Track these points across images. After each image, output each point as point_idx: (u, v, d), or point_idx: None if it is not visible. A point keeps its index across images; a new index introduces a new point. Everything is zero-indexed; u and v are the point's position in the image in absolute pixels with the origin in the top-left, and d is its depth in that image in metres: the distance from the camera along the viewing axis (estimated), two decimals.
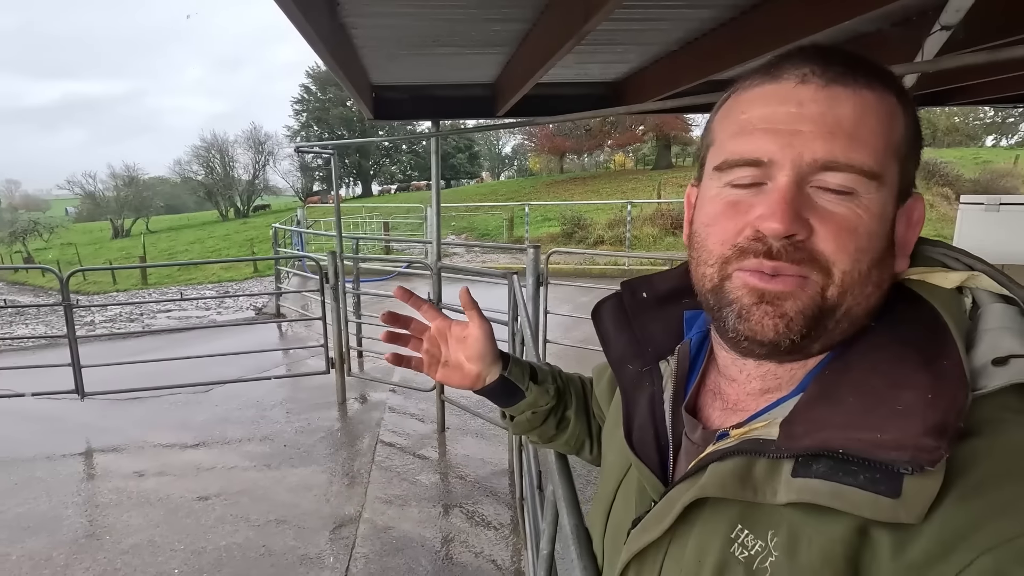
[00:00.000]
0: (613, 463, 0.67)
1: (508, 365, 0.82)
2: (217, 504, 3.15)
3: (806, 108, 0.46)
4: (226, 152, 40.80)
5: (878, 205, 0.46)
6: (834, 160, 0.45)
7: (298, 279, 9.55)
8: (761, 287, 0.48)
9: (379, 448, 3.80)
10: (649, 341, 0.65)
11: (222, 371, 5.00)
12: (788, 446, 0.45)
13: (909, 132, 0.48)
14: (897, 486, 0.39)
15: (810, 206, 0.46)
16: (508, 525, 2.96)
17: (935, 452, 0.38)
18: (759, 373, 0.54)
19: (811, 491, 0.42)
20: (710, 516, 0.50)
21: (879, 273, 0.48)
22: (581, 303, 7.63)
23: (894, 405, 0.42)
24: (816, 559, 0.42)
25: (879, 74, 0.47)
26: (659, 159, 28.31)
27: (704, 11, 2.32)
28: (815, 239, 0.46)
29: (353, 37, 2.45)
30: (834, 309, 0.47)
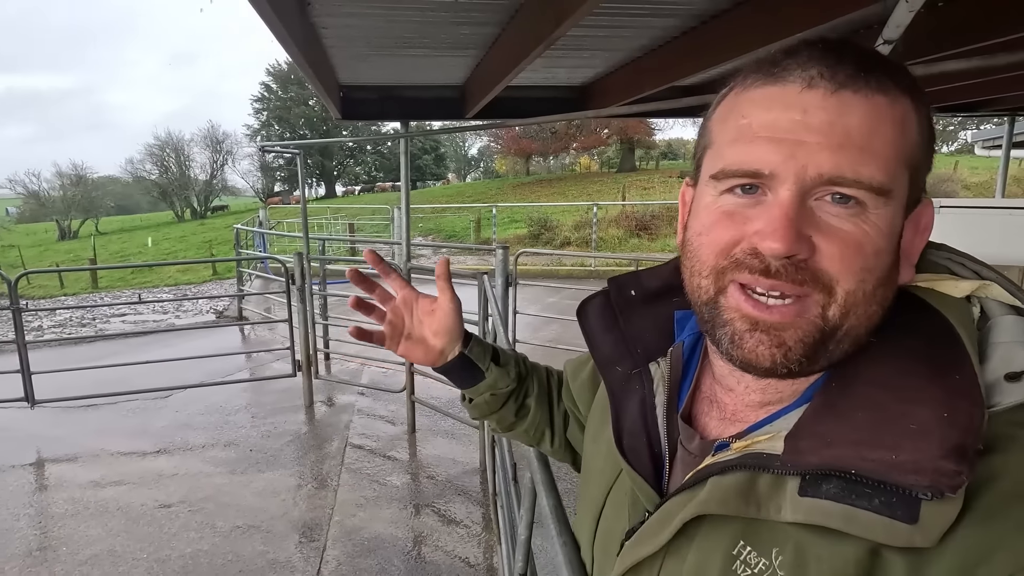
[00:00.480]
0: (601, 468, 0.64)
1: (470, 343, 0.80)
2: (181, 511, 3.07)
3: (812, 116, 0.42)
4: (182, 151, 39.35)
5: (887, 220, 0.43)
6: (841, 176, 0.41)
7: (261, 281, 9.33)
8: (755, 316, 0.45)
9: (348, 451, 3.77)
10: (638, 341, 0.61)
11: (182, 376, 4.85)
12: (794, 462, 0.42)
13: (923, 136, 0.44)
14: (915, 511, 0.37)
15: (813, 222, 0.43)
16: (480, 523, 2.99)
17: (956, 477, 0.36)
18: (759, 386, 0.51)
19: (822, 513, 0.40)
20: (710, 531, 0.48)
21: (884, 291, 0.45)
22: (548, 303, 7.71)
23: (907, 423, 0.40)
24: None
25: (893, 74, 0.43)
26: (623, 162, 28.77)
27: (668, 20, 2.41)
28: (818, 257, 0.43)
29: (322, 37, 2.44)
30: (835, 331, 0.44)
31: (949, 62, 1.30)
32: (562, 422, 0.86)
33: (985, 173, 17.60)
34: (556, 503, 0.80)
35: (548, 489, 0.83)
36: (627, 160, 28.64)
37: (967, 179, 17.17)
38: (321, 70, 2.66)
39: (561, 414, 0.86)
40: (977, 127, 20.05)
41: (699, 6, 2.28)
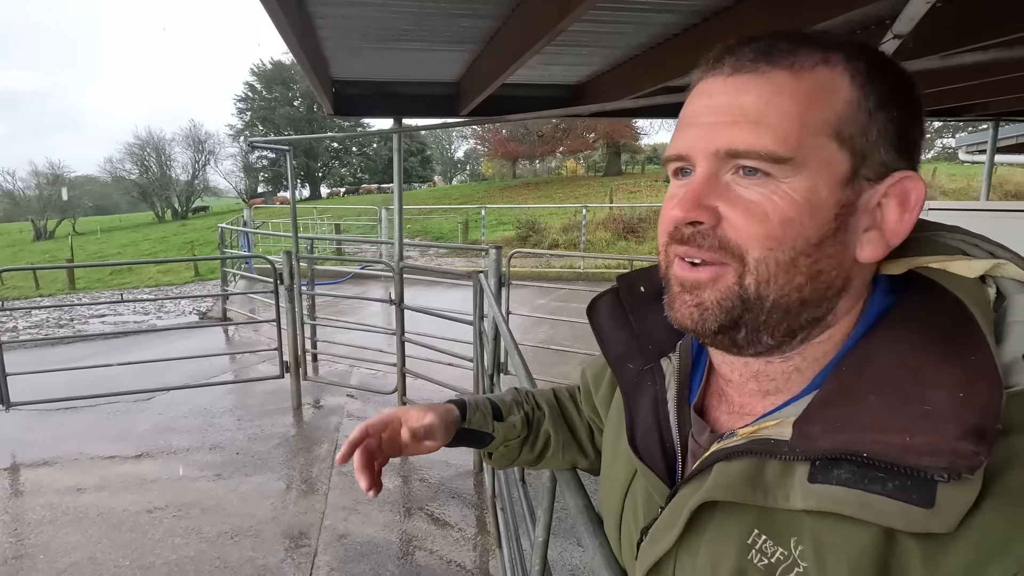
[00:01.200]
0: (617, 472, 0.64)
1: (467, 414, 0.79)
2: (165, 517, 2.97)
3: (715, 99, 0.46)
4: (163, 150, 38.76)
5: (801, 190, 0.43)
6: (734, 148, 0.44)
7: (245, 282, 9.17)
8: (682, 276, 0.49)
9: (338, 455, 3.68)
10: (649, 337, 0.62)
11: (164, 378, 4.72)
12: (803, 447, 0.42)
13: (862, 104, 0.44)
14: (931, 495, 0.36)
15: (722, 193, 0.45)
16: (474, 526, 2.93)
17: (974, 458, 0.35)
18: (750, 373, 0.52)
19: (834, 500, 0.40)
20: (722, 521, 0.47)
21: (813, 263, 0.45)
22: (538, 305, 7.69)
23: (922, 405, 0.39)
24: (844, 568, 0.40)
25: (808, 47, 0.45)
26: (609, 166, 28.95)
27: (668, 16, 2.39)
28: (724, 226, 0.45)
29: (318, 28, 2.39)
30: (759, 300, 0.45)
31: (965, 54, 1.29)
32: (588, 437, 0.85)
33: (963, 180, 18.00)
34: (586, 503, 0.76)
35: (576, 490, 0.79)
36: (613, 164, 28.83)
37: (945, 185, 17.55)
38: (315, 63, 2.60)
39: (586, 429, 0.85)
40: (953, 135, 20.51)
41: (700, 3, 2.26)
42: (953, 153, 15.97)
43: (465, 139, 51.18)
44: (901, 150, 0.45)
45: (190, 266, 12.86)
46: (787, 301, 0.46)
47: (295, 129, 37.81)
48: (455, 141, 55.85)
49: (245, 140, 36.97)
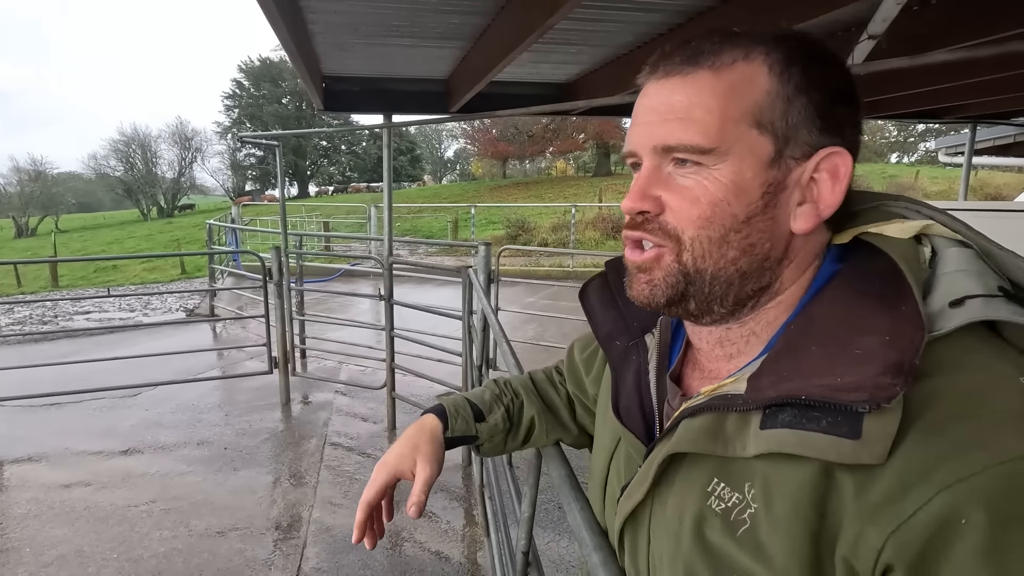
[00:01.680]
0: (603, 440, 0.68)
1: (448, 423, 0.81)
2: (153, 511, 2.96)
3: (651, 100, 0.51)
4: (148, 147, 38.28)
5: (728, 175, 0.48)
6: (667, 143, 0.50)
7: (233, 279, 9.11)
8: (632, 259, 0.55)
9: (327, 448, 3.70)
10: (634, 316, 0.67)
11: (151, 374, 4.69)
12: (754, 398, 0.46)
13: (780, 91, 0.48)
14: (858, 427, 0.40)
15: (664, 184, 0.51)
16: (462, 519, 2.96)
17: (891, 389, 0.39)
18: (715, 340, 0.56)
19: (778, 441, 0.43)
20: (687, 473, 0.51)
21: (744, 238, 0.49)
22: (527, 303, 7.73)
23: (854, 350, 0.43)
24: (788, 505, 0.43)
25: (730, 46, 0.49)
26: (599, 166, 29.07)
27: (654, 15, 2.44)
28: (666, 212, 0.51)
29: (309, 22, 2.40)
30: (699, 274, 0.51)
31: (935, 53, 1.35)
32: (570, 415, 0.88)
33: (945, 183, 18.33)
34: (568, 472, 0.79)
35: (559, 461, 0.83)
36: (603, 164, 28.94)
37: (927, 188, 17.87)
38: (306, 57, 2.61)
39: (566, 407, 0.89)
40: (934, 137, 20.86)
41: (685, 2, 2.31)
42: (935, 157, 16.29)
43: (455, 139, 51.19)
44: (825, 129, 0.49)
45: (176, 263, 12.75)
46: (725, 273, 0.51)
47: (283, 127, 37.52)
48: (445, 140, 55.80)
49: (233, 137, 36.66)
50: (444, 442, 0.80)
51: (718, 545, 0.48)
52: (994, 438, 0.37)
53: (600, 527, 0.68)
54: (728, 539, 0.47)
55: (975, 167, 5.59)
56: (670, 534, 0.52)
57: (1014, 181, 16.77)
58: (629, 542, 0.60)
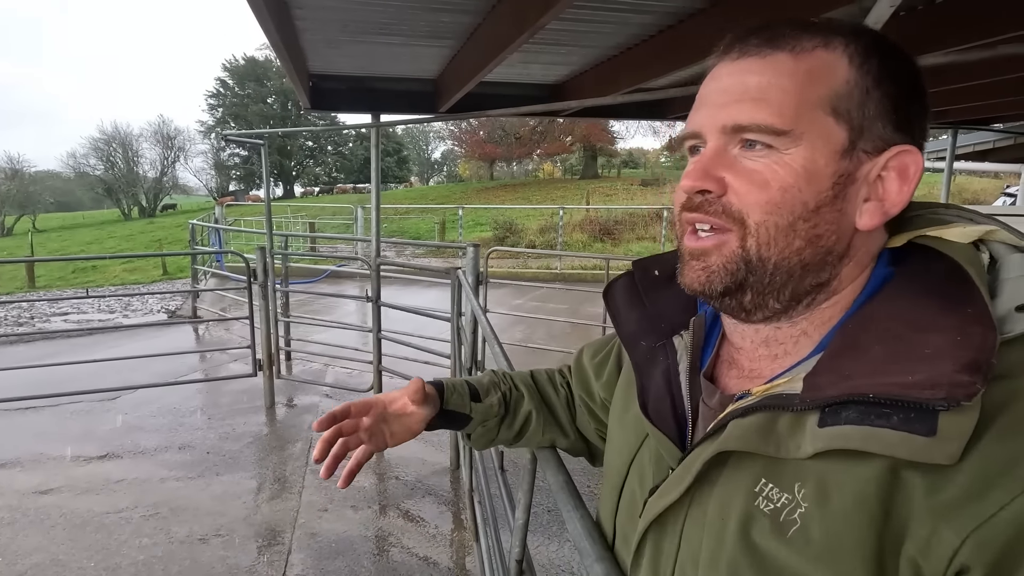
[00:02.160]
0: (624, 442, 0.66)
1: (445, 395, 0.81)
2: (132, 517, 2.89)
3: (723, 81, 0.51)
4: (129, 146, 37.65)
5: (801, 159, 0.47)
6: (738, 122, 0.48)
7: (216, 280, 8.97)
8: (690, 245, 0.53)
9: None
10: (662, 317, 0.65)
11: (130, 377, 4.59)
12: (813, 397, 0.45)
13: (859, 82, 0.48)
14: (932, 424, 0.39)
15: (729, 164, 0.49)
16: (450, 523, 2.92)
17: (971, 387, 0.38)
18: (760, 339, 0.55)
19: (842, 437, 0.42)
20: (731, 473, 0.50)
21: (811, 228, 0.48)
22: (515, 305, 7.71)
23: (922, 349, 0.42)
24: (849, 502, 0.42)
25: (810, 32, 0.49)
26: (586, 169, 29.19)
27: (645, 16, 2.44)
28: (729, 193, 0.49)
29: (296, 18, 2.36)
30: (761, 263, 0.49)
31: (925, 56, 1.37)
32: (569, 418, 0.87)
33: (925, 187, 18.66)
34: (566, 479, 0.77)
35: (556, 466, 0.80)
36: (590, 167, 29.08)
37: None
38: (293, 54, 2.57)
39: (565, 410, 0.87)
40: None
41: (676, 5, 2.31)
42: None
43: (442, 140, 51.03)
44: (899, 125, 0.48)
45: (158, 264, 12.52)
46: (788, 264, 0.49)
47: (268, 126, 37.14)
48: (432, 142, 55.66)
49: (217, 136, 36.21)
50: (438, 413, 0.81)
51: (765, 547, 0.46)
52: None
53: (602, 536, 0.66)
54: (777, 541, 0.46)
55: (954, 172, 5.70)
56: (712, 535, 0.50)
57: (990, 186, 17.15)
58: (652, 545, 0.58)
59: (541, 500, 2.95)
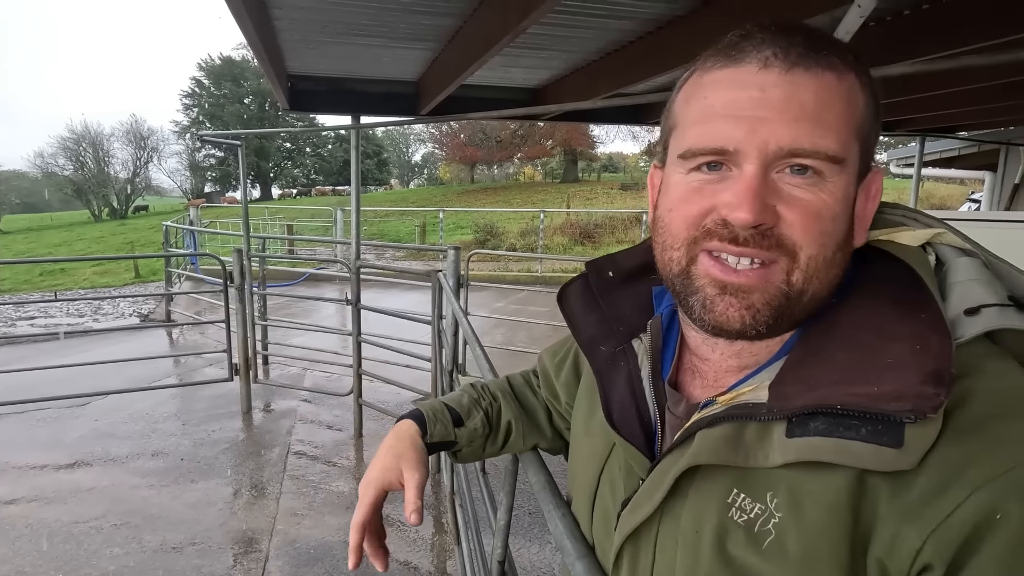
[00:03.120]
0: (592, 450, 0.65)
1: (427, 429, 0.78)
2: (103, 526, 2.81)
3: (769, 93, 0.45)
4: (100, 146, 36.68)
5: (842, 188, 0.46)
6: (800, 147, 0.44)
7: (191, 283, 8.79)
8: (724, 280, 0.48)
9: (290, 458, 3.58)
10: (619, 320, 0.63)
11: (101, 383, 4.48)
12: (780, 407, 0.44)
13: (870, 108, 0.47)
14: (900, 436, 0.39)
15: (776, 192, 0.45)
16: (431, 527, 2.91)
17: (935, 399, 0.39)
18: (733, 351, 0.53)
19: (812, 449, 0.42)
20: (702, 484, 0.49)
21: (842, 255, 0.48)
22: (495, 308, 7.71)
23: (885, 358, 0.42)
24: (823, 512, 0.42)
25: (839, 53, 0.46)
26: (566, 173, 29.37)
27: (625, 23, 2.46)
28: (782, 225, 0.46)
29: (274, 18, 2.33)
30: (800, 295, 0.47)
31: (894, 66, 1.42)
32: (547, 419, 0.87)
33: (894, 193, 19.18)
34: (547, 479, 0.77)
35: (538, 467, 0.81)
36: (570, 171, 29.26)
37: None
38: (271, 54, 2.54)
39: (543, 411, 0.87)
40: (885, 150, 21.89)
41: (656, 11, 2.34)
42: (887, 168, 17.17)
43: (423, 143, 50.90)
44: (873, 148, 0.50)
45: (130, 267, 12.22)
46: (822, 293, 0.48)
47: (245, 127, 36.53)
48: (412, 144, 55.43)
49: (192, 136, 35.52)
50: (424, 447, 0.77)
51: (741, 559, 0.46)
52: (1021, 436, 0.39)
53: (583, 536, 0.65)
54: (753, 552, 0.46)
55: (923, 178, 5.88)
56: (686, 548, 0.50)
57: (956, 192, 17.73)
58: (629, 558, 0.57)
59: (523, 503, 2.95)
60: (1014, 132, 5.29)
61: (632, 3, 2.23)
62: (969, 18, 2.02)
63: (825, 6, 1.72)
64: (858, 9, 1.36)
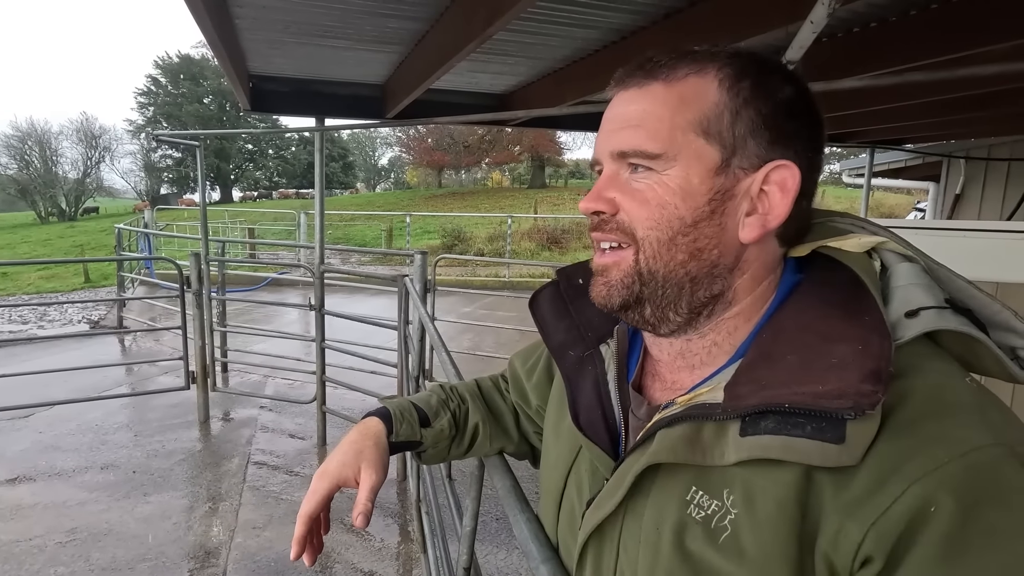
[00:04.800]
0: (560, 453, 0.67)
1: (393, 427, 0.78)
2: (46, 545, 2.66)
3: (612, 110, 0.55)
4: (48, 144, 34.99)
5: (676, 179, 0.51)
6: (621, 149, 0.53)
7: (145, 288, 8.46)
8: (596, 262, 0.57)
9: (250, 468, 3.48)
10: (588, 326, 0.66)
11: (45, 393, 4.26)
12: (734, 406, 0.47)
13: (729, 104, 0.50)
14: (842, 432, 0.42)
15: (620, 187, 0.54)
16: (397, 536, 2.87)
17: (874, 396, 0.41)
18: (676, 351, 0.57)
19: (762, 447, 0.44)
20: (663, 483, 0.51)
21: (691, 242, 0.51)
22: (463, 313, 7.67)
23: (830, 358, 0.45)
24: (772, 508, 0.44)
25: (685, 61, 0.52)
26: (534, 178, 29.54)
27: (590, 32, 2.50)
28: (620, 212, 0.53)
29: (235, 16, 2.28)
30: (652, 275, 0.53)
31: (848, 79, 1.49)
32: (514, 423, 0.87)
33: (847, 202, 20.01)
34: (513, 483, 0.77)
35: (503, 472, 0.81)
36: (538, 177, 29.44)
37: (832, 206, 19.39)
38: (232, 53, 2.47)
39: (511, 415, 0.87)
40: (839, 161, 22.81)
41: (619, 21, 2.39)
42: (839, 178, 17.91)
43: (389, 146, 50.41)
44: (775, 141, 0.51)
45: (79, 271, 11.66)
46: (675, 276, 0.53)
47: (205, 128, 35.45)
48: (379, 148, 54.81)
49: (148, 136, 34.24)
50: (388, 447, 0.76)
51: (699, 554, 0.48)
52: (954, 432, 0.41)
53: (548, 539, 0.66)
54: (709, 547, 0.47)
55: (873, 188, 6.15)
56: (647, 545, 0.52)
57: (904, 202, 18.63)
58: (593, 557, 0.59)
59: (490, 508, 2.93)
60: (955, 145, 5.59)
61: (597, 13, 2.27)
62: (913, 37, 2.13)
63: (780, 22, 1.79)
64: (811, 25, 1.41)
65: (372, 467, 0.72)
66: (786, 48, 1.72)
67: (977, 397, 0.44)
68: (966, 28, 1.95)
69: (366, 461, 0.72)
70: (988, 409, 0.43)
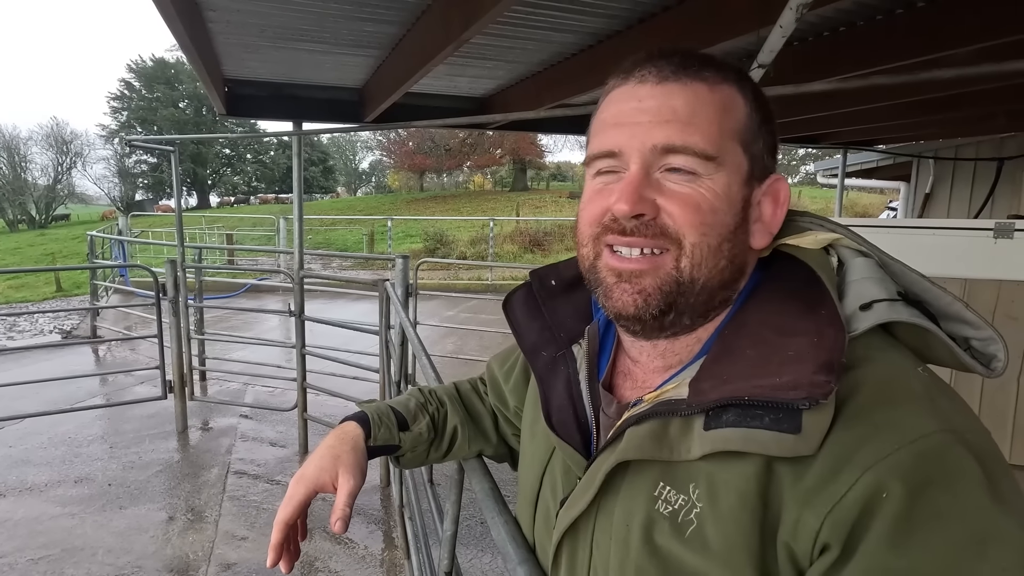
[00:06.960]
0: (535, 453, 0.67)
1: (371, 431, 0.77)
2: (17, 562, 2.59)
3: (645, 103, 0.52)
4: (16, 150, 34.07)
5: (721, 185, 0.51)
6: (671, 144, 0.50)
7: (119, 297, 8.28)
8: (619, 267, 0.53)
9: (230, 478, 3.42)
10: (561, 327, 0.67)
11: (15, 405, 4.14)
12: (697, 402, 0.48)
13: (753, 118, 0.53)
14: (798, 422, 0.43)
15: (657, 188, 0.51)
16: (381, 543, 2.84)
17: (826, 386, 0.43)
18: (658, 352, 0.57)
19: (724, 439, 0.45)
20: (632, 480, 0.52)
21: (731, 248, 0.52)
22: (446, 317, 7.65)
23: (786, 351, 0.47)
24: (735, 500, 0.45)
25: (712, 67, 0.53)
26: (516, 181, 29.59)
27: (567, 36, 2.53)
28: (663, 215, 0.51)
29: (209, 20, 2.25)
30: (692, 283, 0.51)
31: (816, 83, 1.53)
32: (492, 425, 0.87)
33: (823, 202, 20.41)
34: (492, 486, 0.78)
35: (482, 475, 0.81)
36: (519, 180, 29.51)
37: (807, 206, 19.84)
38: (206, 58, 2.44)
39: (490, 417, 0.87)
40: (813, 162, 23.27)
41: (595, 26, 2.42)
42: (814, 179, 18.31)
43: (370, 150, 50.06)
44: (773, 156, 0.55)
45: (50, 280, 11.36)
46: (712, 283, 0.52)
47: (180, 132, 34.83)
48: (360, 152, 54.41)
49: (121, 141, 33.53)
50: (367, 451, 0.76)
51: (667, 548, 0.49)
52: (904, 420, 0.42)
53: (525, 541, 0.67)
54: (676, 541, 0.48)
55: (847, 188, 6.29)
56: (618, 541, 0.52)
57: (877, 201, 19.07)
58: (567, 555, 0.59)
59: (474, 512, 2.93)
60: (924, 146, 5.75)
61: (573, 17, 2.29)
62: (879, 42, 2.19)
63: (751, 27, 1.83)
64: (780, 30, 1.45)
65: (350, 472, 0.71)
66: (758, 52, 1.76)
67: (927, 385, 0.45)
68: (929, 33, 2.01)
69: (344, 466, 0.71)
70: (937, 397, 0.44)
